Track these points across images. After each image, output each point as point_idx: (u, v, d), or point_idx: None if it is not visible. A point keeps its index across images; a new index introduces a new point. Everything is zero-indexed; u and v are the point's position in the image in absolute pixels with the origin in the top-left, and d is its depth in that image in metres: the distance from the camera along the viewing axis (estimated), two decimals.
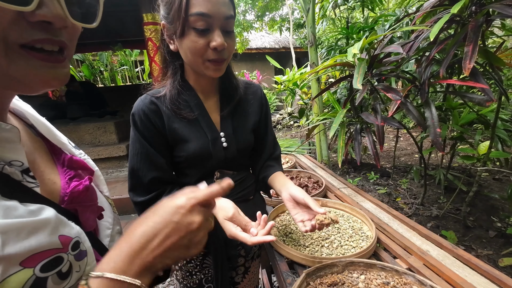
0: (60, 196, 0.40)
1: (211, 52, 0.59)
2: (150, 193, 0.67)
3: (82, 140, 3.33)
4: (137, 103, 0.68)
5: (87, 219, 0.43)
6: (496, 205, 2.04)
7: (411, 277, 0.66)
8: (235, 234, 0.57)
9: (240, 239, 0.56)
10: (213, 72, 0.63)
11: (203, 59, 0.60)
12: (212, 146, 0.69)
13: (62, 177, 0.42)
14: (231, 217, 0.58)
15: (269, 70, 11.54)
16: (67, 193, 0.40)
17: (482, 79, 1.09)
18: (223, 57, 0.61)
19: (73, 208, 0.41)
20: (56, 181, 0.41)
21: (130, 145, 0.68)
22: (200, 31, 0.57)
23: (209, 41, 0.58)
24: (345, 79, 1.47)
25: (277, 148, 0.88)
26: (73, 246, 0.35)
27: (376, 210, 1.12)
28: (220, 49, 0.58)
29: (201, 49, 0.58)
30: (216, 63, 0.61)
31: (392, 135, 4.94)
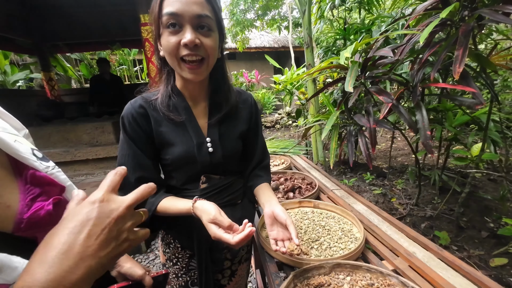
0: (14, 222, 0.35)
1: (183, 49, 0.59)
2: None
3: (80, 140, 3.34)
4: (127, 107, 0.70)
5: None
6: (489, 206, 2.06)
7: (395, 278, 0.68)
8: (219, 235, 0.58)
9: (224, 240, 0.57)
10: (189, 75, 0.62)
11: (177, 58, 0.61)
12: (197, 150, 0.70)
13: (23, 197, 0.37)
14: (213, 219, 0.59)
15: (268, 70, 11.54)
16: (24, 220, 0.35)
17: (472, 83, 1.11)
18: (198, 53, 0.60)
19: (31, 235, 0.36)
20: (11, 204, 0.35)
21: (119, 147, 0.71)
22: (171, 29, 0.58)
23: (181, 39, 0.59)
24: (339, 81, 1.49)
25: (266, 157, 0.89)
26: None
27: (367, 212, 1.14)
28: (190, 45, 0.58)
29: (174, 48, 0.59)
30: (190, 65, 0.61)
31: (389, 135, 4.95)
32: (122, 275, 0.58)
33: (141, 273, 0.58)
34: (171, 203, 0.69)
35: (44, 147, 3.23)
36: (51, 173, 0.43)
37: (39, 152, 0.44)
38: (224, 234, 0.58)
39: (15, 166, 0.39)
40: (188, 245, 0.79)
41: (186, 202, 0.67)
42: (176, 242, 0.80)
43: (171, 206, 0.68)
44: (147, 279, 0.58)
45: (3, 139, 0.37)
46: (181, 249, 0.80)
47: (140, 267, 0.59)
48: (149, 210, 0.68)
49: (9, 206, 0.35)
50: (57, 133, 3.26)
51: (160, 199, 0.69)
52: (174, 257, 0.82)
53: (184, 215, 0.67)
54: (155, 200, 0.69)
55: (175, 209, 0.67)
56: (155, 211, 0.69)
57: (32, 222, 0.35)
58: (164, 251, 0.84)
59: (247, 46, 9.63)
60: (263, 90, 8.75)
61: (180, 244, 0.80)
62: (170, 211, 0.68)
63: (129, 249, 0.35)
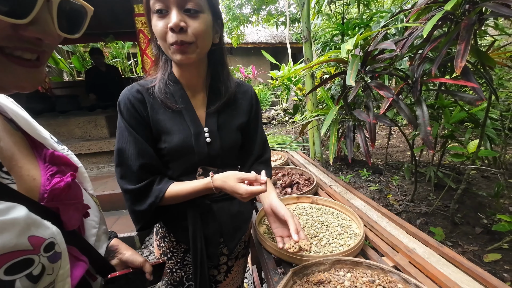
0: (39, 193, 0.38)
1: (170, 35, 0.57)
2: (141, 182, 0.66)
3: (72, 134, 3.25)
4: (124, 92, 0.67)
5: (69, 218, 0.41)
6: (483, 203, 2.08)
7: (396, 275, 0.67)
8: (251, 190, 0.60)
9: (258, 191, 0.60)
10: (179, 57, 0.60)
11: (167, 44, 0.59)
12: (194, 140, 0.68)
13: (43, 173, 0.40)
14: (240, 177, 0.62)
15: (265, 65, 11.46)
16: (47, 190, 0.38)
17: (473, 78, 1.09)
18: (185, 39, 0.57)
19: (54, 206, 0.39)
20: (36, 178, 0.39)
21: (118, 134, 0.67)
22: (158, 13, 0.57)
23: (168, 23, 0.57)
24: (339, 75, 1.46)
25: (266, 151, 0.87)
26: (46, 248, 0.33)
27: (366, 208, 1.13)
28: (176, 29, 0.56)
29: (162, 32, 0.58)
30: (179, 47, 0.58)
31: (385, 132, 4.98)
32: (123, 263, 0.59)
33: (141, 260, 0.60)
34: (183, 186, 0.67)
35: None
36: (67, 154, 0.47)
37: (54, 137, 0.49)
38: (255, 188, 0.60)
39: (34, 147, 0.43)
40: (183, 239, 0.76)
41: (199, 181, 0.66)
42: (171, 236, 0.78)
43: (183, 188, 0.66)
44: (147, 266, 0.61)
45: (31, 123, 0.43)
46: (176, 243, 0.78)
47: (140, 255, 0.61)
48: (156, 197, 0.65)
49: (34, 179, 0.39)
50: (47, 127, 3.08)
51: (168, 185, 0.67)
52: (168, 251, 0.79)
53: (199, 194, 0.66)
54: (162, 186, 0.67)
55: (190, 188, 0.66)
56: (162, 199, 0.66)
57: (54, 194, 0.39)
58: (159, 245, 0.82)
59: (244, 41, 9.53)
60: (259, 86, 8.70)
61: (175, 238, 0.77)
62: (183, 194, 0.66)
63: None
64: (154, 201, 0.65)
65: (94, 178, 2.89)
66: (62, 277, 0.36)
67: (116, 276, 0.54)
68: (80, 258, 0.42)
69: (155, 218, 0.74)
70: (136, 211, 0.67)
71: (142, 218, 0.69)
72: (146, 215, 0.68)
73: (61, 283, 0.35)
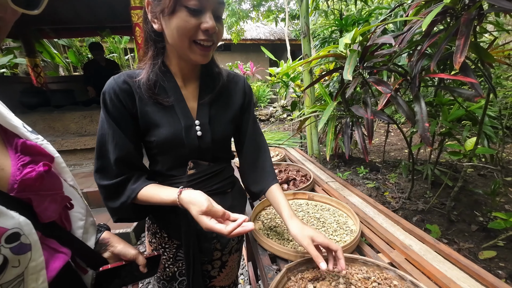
0: (9, 184, 0.37)
1: (201, 33, 0.57)
2: (117, 177, 0.64)
3: (67, 129, 3.21)
4: (109, 82, 0.64)
5: (44, 209, 0.39)
6: (479, 200, 2.09)
7: (392, 272, 0.66)
8: (211, 226, 0.54)
9: (217, 231, 0.54)
10: (200, 58, 0.60)
11: (190, 40, 0.58)
12: (185, 133, 0.66)
13: (14, 163, 0.39)
14: (206, 211, 0.55)
15: (263, 62, 11.41)
16: (17, 181, 0.37)
17: (472, 74, 1.08)
18: (213, 40, 0.59)
19: (25, 196, 0.38)
20: (5, 168, 0.38)
21: (99, 125, 0.65)
22: (193, 10, 0.55)
23: (200, 22, 0.56)
24: (337, 70, 1.44)
25: (262, 141, 0.83)
26: (9, 239, 0.32)
27: (362, 205, 1.12)
28: (211, 32, 0.57)
29: (191, 30, 0.56)
30: (203, 48, 0.59)
31: (383, 130, 4.99)
32: (116, 256, 0.58)
33: (134, 253, 0.59)
34: (154, 192, 0.64)
35: None
36: (41, 144, 0.45)
37: (28, 127, 0.47)
38: (217, 225, 0.54)
39: (4, 136, 0.41)
40: (175, 235, 0.75)
41: (171, 191, 0.62)
42: (162, 232, 0.76)
43: (153, 195, 0.63)
44: (140, 258, 0.59)
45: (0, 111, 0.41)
46: (168, 239, 0.76)
47: (132, 248, 0.60)
48: (128, 197, 0.63)
49: (3, 168, 0.37)
50: (42, 121, 3.12)
51: (142, 186, 0.64)
52: (160, 247, 0.77)
53: (168, 205, 0.62)
54: (136, 187, 0.64)
55: (158, 199, 0.62)
56: (135, 199, 0.64)
57: (25, 184, 0.37)
58: (150, 241, 0.80)
59: (243, 38, 9.46)
60: (258, 82, 8.65)
61: (167, 234, 0.76)
62: (152, 201, 0.63)
63: None
64: (126, 200, 0.63)
65: (90, 174, 2.86)
66: (35, 269, 0.35)
67: (108, 269, 0.53)
68: (60, 250, 0.41)
69: (138, 215, 0.72)
70: (109, 207, 0.66)
71: (115, 214, 0.68)
72: (119, 212, 0.66)
73: (34, 275, 0.34)
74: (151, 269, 0.63)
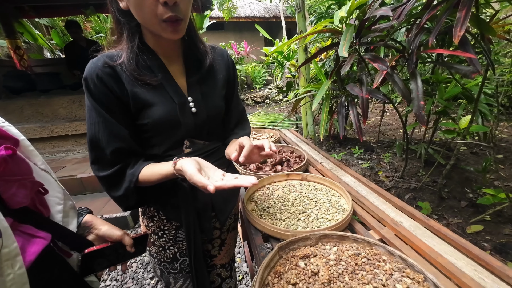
0: None
1: (162, 9, 0.52)
2: (114, 166, 0.62)
3: (56, 114, 3.12)
4: (89, 66, 0.59)
5: (12, 195, 0.38)
6: (470, 177, 2.13)
7: (382, 248, 0.67)
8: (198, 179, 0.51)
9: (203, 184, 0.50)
10: (171, 34, 0.56)
11: (158, 19, 0.53)
12: (180, 111, 0.64)
13: None
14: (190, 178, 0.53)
15: (258, 41, 11.02)
16: None
17: (471, 49, 1.04)
18: (179, 15, 0.54)
19: None
20: None
21: (87, 115, 0.61)
22: None
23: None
24: (332, 47, 1.38)
25: (243, 113, 0.85)
26: None
27: (355, 184, 1.12)
28: (170, 4, 0.51)
29: (150, 5, 0.51)
30: (172, 24, 0.54)
31: (379, 110, 4.97)
32: (101, 238, 0.58)
33: (119, 234, 0.58)
34: (153, 169, 0.62)
35: (16, 122, 3.01)
36: (2, 126, 0.42)
37: None
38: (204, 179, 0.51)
39: None
40: (174, 216, 0.74)
41: (168, 164, 0.60)
42: (160, 214, 0.76)
43: (153, 173, 0.62)
44: (126, 238, 0.59)
45: None
46: (166, 221, 0.76)
47: (117, 229, 0.59)
48: (130, 181, 0.62)
49: None
50: (29, 107, 3.02)
51: (141, 168, 0.63)
52: (159, 230, 0.77)
53: (168, 178, 0.61)
54: (134, 170, 0.62)
55: (158, 175, 0.61)
56: (137, 182, 0.62)
57: None
58: (147, 225, 0.80)
59: (236, 16, 9.03)
60: (253, 63, 8.41)
61: (165, 216, 0.75)
62: (153, 179, 0.62)
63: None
64: (129, 185, 0.62)
65: (84, 160, 2.83)
66: (8, 256, 0.34)
67: (93, 251, 0.53)
68: (37, 235, 0.40)
69: (143, 197, 0.70)
70: (114, 196, 0.65)
71: (122, 202, 0.67)
72: (126, 199, 0.65)
73: (9, 262, 0.34)
74: (139, 248, 0.63)
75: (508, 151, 2.59)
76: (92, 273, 0.56)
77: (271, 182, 1.14)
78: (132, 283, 1.67)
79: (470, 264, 0.65)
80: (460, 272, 0.62)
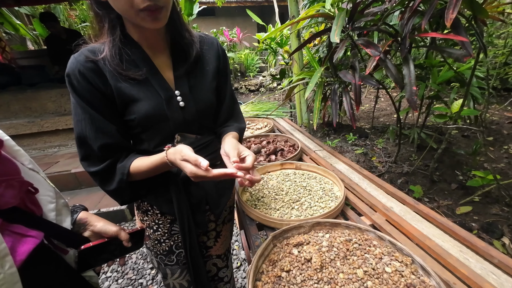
0: None
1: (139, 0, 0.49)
2: (104, 161, 0.61)
3: (45, 109, 3.04)
4: (71, 62, 0.57)
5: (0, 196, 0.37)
6: (461, 161, 2.18)
7: (372, 233, 0.69)
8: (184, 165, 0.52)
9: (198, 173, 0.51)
10: (151, 23, 0.53)
11: (134, 9, 0.50)
12: (166, 106, 0.62)
13: None
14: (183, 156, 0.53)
15: (251, 27, 10.73)
16: None
17: (463, 32, 1.03)
18: (157, 3, 0.50)
19: None
20: None
21: (72, 111, 0.60)
22: None
23: None
24: (324, 33, 1.35)
25: (235, 104, 0.82)
26: None
27: (348, 171, 1.14)
28: None
29: None
30: (152, 13, 0.51)
31: (373, 96, 4.96)
32: (96, 234, 0.58)
33: (115, 230, 0.58)
34: (143, 160, 0.62)
35: (3, 118, 2.93)
36: None
37: None
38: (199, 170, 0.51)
39: None
40: (168, 210, 0.75)
41: (156, 155, 0.60)
42: (154, 208, 0.76)
43: (143, 163, 0.61)
44: (122, 234, 0.59)
45: None
46: (160, 215, 0.76)
47: (113, 224, 0.59)
48: (122, 174, 0.61)
49: None
50: (16, 102, 2.93)
51: (132, 160, 0.62)
52: (154, 223, 0.78)
53: (159, 169, 0.60)
54: (125, 163, 0.62)
55: (149, 163, 0.61)
56: (129, 175, 0.62)
57: None
58: (142, 220, 0.80)
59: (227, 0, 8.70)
60: (246, 50, 8.22)
61: (159, 210, 0.76)
62: (143, 169, 0.61)
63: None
64: (121, 178, 0.61)
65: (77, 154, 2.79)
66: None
67: (89, 247, 0.54)
68: (28, 234, 0.40)
69: (138, 191, 0.70)
70: (108, 191, 0.64)
71: (117, 196, 0.66)
72: (121, 192, 0.65)
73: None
74: (136, 243, 0.64)
75: (498, 133, 2.64)
76: (90, 268, 0.57)
77: (265, 172, 1.14)
78: (133, 273, 1.71)
79: (457, 246, 0.67)
80: (446, 253, 0.65)
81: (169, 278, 0.82)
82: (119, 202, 0.68)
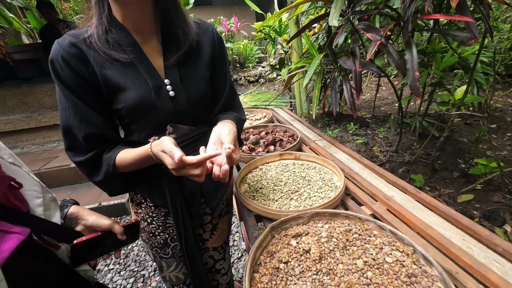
0: None
1: None
2: (89, 152, 0.59)
3: (41, 103, 3.01)
4: (54, 47, 0.54)
5: None
6: (463, 149, 2.15)
7: (372, 223, 0.67)
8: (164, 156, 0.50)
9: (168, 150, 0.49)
10: None
11: None
12: (155, 95, 0.59)
13: None
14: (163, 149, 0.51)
15: (249, 16, 10.50)
16: None
17: (468, 13, 0.98)
18: None
19: None
20: None
21: (57, 99, 0.58)
22: None
23: None
24: (324, 17, 1.30)
25: (235, 95, 0.78)
26: None
27: (348, 160, 1.12)
28: None
29: None
30: None
31: (374, 84, 4.88)
32: (89, 228, 0.57)
33: (108, 223, 0.58)
34: (128, 152, 0.60)
35: (0, 113, 2.90)
36: None
37: None
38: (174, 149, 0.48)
39: None
40: (161, 203, 0.73)
41: (141, 148, 0.58)
42: (147, 201, 0.74)
43: (128, 155, 0.59)
44: (116, 227, 0.58)
45: None
46: (154, 208, 0.75)
47: (106, 218, 0.59)
48: (108, 165, 0.59)
49: None
50: (12, 97, 2.90)
51: (118, 151, 0.60)
52: (148, 216, 0.77)
53: (145, 162, 0.58)
54: (111, 154, 0.60)
55: (134, 155, 0.58)
56: (115, 167, 0.60)
57: None
58: (136, 212, 0.79)
59: None
60: (244, 40, 8.05)
61: (153, 203, 0.74)
62: (128, 161, 0.59)
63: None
64: (108, 169, 0.59)
65: None
66: None
67: (82, 241, 0.53)
68: (11, 231, 0.38)
69: (128, 183, 0.68)
70: (96, 182, 0.62)
71: (105, 187, 0.65)
72: (109, 184, 0.63)
73: None
74: (131, 236, 0.63)
75: (502, 121, 2.60)
76: (85, 262, 0.56)
77: (264, 163, 1.12)
78: (135, 265, 1.73)
79: (459, 234, 0.66)
80: (449, 242, 0.63)
81: (165, 271, 0.81)
82: (108, 193, 0.67)
